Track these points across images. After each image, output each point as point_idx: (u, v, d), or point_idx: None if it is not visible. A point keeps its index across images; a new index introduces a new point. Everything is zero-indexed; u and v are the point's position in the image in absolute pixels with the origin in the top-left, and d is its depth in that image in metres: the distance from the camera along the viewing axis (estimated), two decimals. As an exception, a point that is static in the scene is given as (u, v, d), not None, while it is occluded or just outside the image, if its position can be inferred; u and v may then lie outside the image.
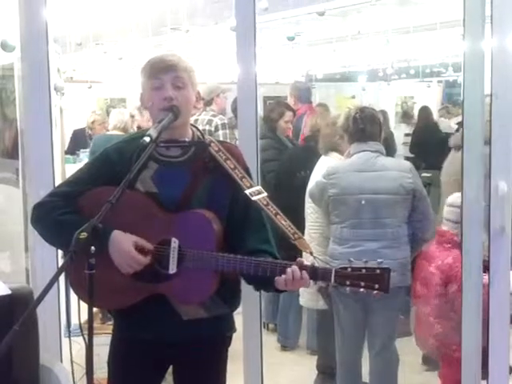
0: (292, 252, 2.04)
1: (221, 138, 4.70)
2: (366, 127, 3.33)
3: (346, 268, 1.87)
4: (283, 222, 1.99)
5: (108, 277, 1.90)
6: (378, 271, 1.85)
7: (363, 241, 3.27)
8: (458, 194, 3.29)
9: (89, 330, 1.75)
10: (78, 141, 7.44)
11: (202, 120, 4.90)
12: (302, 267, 1.90)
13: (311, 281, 1.91)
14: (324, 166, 3.60)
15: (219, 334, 2.16)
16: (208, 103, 5.02)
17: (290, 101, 5.50)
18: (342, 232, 3.34)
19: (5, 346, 1.51)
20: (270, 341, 4.57)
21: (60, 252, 3.05)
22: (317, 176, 3.61)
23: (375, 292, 1.85)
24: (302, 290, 3.86)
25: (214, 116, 4.95)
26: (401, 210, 3.28)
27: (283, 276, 1.89)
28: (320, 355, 4.10)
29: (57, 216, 2.02)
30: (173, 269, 1.96)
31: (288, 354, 4.61)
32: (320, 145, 3.89)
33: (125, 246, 1.94)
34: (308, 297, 3.91)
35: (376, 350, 3.42)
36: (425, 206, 3.33)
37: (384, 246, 3.25)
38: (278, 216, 1.99)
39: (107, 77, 9.70)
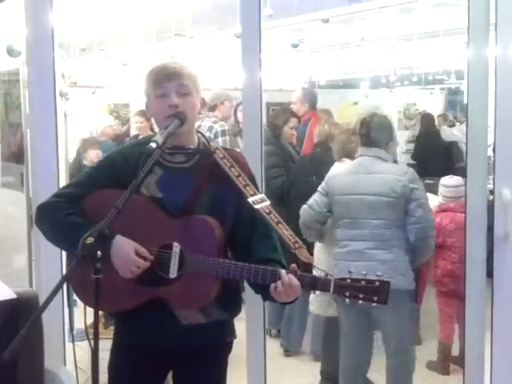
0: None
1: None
2: (370, 133, 3.35)
3: (345, 279, 1.88)
4: (285, 232, 1.99)
5: (109, 280, 1.90)
6: (377, 283, 1.87)
7: (351, 241, 3.30)
8: (450, 177, 4.36)
9: (94, 335, 1.75)
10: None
11: (203, 127, 4.91)
12: (300, 277, 1.91)
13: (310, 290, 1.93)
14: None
15: (219, 339, 2.16)
16: (211, 109, 5.03)
17: (302, 107, 5.46)
18: (336, 232, 3.38)
19: (11, 350, 1.51)
20: (273, 346, 4.56)
21: (64, 256, 3.07)
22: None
23: (374, 304, 1.87)
24: (312, 297, 3.88)
25: (214, 122, 4.95)
26: (389, 212, 3.27)
27: (278, 282, 1.89)
28: (324, 361, 4.09)
29: (61, 216, 2.03)
30: (173, 273, 1.97)
31: (291, 360, 4.61)
32: (334, 150, 3.90)
33: (126, 250, 1.95)
34: (317, 304, 3.92)
35: (387, 355, 3.44)
36: (418, 212, 3.28)
37: (370, 246, 3.25)
38: (280, 225, 1.99)
39: (111, 82, 9.72)
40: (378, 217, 3.27)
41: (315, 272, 2.00)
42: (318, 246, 3.83)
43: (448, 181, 4.44)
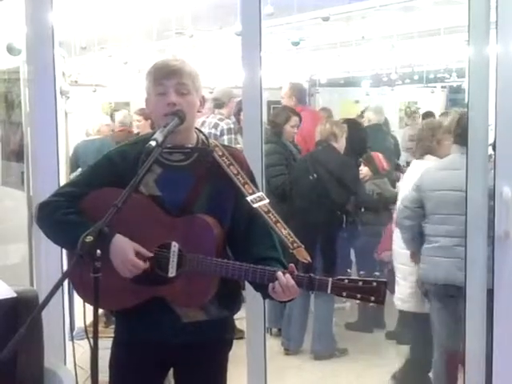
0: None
1: (225, 143, 4.71)
2: (463, 132, 3.34)
3: (342, 279, 1.89)
4: (283, 231, 1.99)
5: (109, 278, 1.90)
6: (374, 284, 1.88)
7: (440, 237, 3.35)
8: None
9: (94, 333, 1.75)
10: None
11: (209, 123, 4.89)
12: (298, 277, 1.91)
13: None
14: (418, 170, 3.66)
15: (219, 336, 2.17)
16: (219, 106, 5.01)
17: (290, 102, 5.46)
18: (425, 228, 3.41)
19: (10, 349, 1.51)
20: (274, 345, 4.57)
21: (64, 254, 3.07)
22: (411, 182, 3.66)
23: (371, 304, 1.88)
24: (406, 294, 3.92)
25: (220, 120, 4.94)
26: None
27: (275, 282, 1.90)
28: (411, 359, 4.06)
29: (61, 215, 2.04)
30: (172, 272, 1.98)
31: (291, 359, 4.61)
32: (414, 148, 3.92)
33: (125, 250, 1.95)
34: (414, 302, 3.92)
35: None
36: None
37: (456, 243, 3.27)
38: (278, 224, 2.00)
39: (112, 81, 9.71)
40: (461, 213, 3.22)
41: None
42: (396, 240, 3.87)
43: None
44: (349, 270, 4.71)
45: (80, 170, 5.52)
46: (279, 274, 1.90)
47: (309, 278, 1.91)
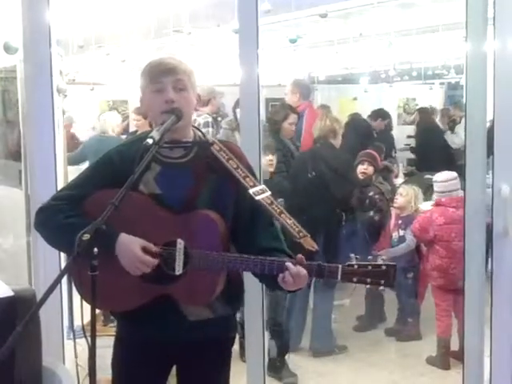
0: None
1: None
2: None
3: (352, 265, 1.90)
4: (288, 221, 1.99)
5: (114, 279, 1.90)
6: (383, 267, 1.89)
7: None
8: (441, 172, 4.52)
9: (92, 332, 1.75)
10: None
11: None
12: (307, 265, 1.91)
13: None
14: None
15: (223, 334, 2.18)
16: (204, 104, 5.06)
17: (293, 97, 5.45)
18: None
19: (8, 347, 1.51)
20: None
21: (63, 253, 3.07)
22: None
23: (381, 288, 1.88)
24: None
25: (198, 115, 4.99)
26: None
27: (286, 272, 1.90)
28: None
29: (61, 219, 2.02)
30: (179, 270, 1.97)
31: (290, 356, 4.59)
32: None
33: (133, 248, 1.94)
34: None
35: None
36: None
37: None
38: (283, 215, 2.00)
39: (110, 79, 9.70)
40: None
41: None
42: None
43: (438, 176, 4.55)
44: (357, 256, 4.70)
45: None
46: (289, 263, 1.91)
47: (318, 266, 1.91)
